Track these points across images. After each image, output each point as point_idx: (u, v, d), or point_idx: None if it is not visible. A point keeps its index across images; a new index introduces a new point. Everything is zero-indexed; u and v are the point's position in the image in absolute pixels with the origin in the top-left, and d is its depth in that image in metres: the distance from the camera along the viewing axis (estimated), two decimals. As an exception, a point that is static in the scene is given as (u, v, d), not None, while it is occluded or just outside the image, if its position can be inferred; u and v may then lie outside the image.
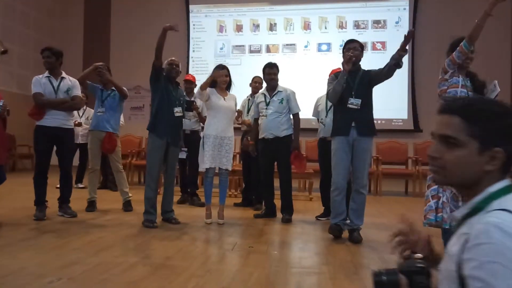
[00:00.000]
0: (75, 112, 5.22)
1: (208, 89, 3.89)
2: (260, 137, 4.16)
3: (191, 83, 5.13)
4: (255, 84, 4.87)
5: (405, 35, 3.10)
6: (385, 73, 3.22)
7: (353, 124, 3.24)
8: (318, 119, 4.38)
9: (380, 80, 3.31)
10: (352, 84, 3.31)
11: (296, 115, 4.14)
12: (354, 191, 3.32)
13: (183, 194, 5.14)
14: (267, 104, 4.10)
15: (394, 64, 3.12)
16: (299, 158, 4.17)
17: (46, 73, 3.86)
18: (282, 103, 4.06)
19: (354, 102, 3.25)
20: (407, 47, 3.19)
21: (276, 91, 4.11)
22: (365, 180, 3.33)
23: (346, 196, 3.39)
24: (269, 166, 4.17)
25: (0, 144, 3.55)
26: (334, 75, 3.49)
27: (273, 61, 4.25)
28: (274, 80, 4.13)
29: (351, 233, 3.29)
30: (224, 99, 3.89)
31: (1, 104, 3.51)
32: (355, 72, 3.34)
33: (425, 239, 1.09)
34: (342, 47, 3.54)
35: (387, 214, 4.65)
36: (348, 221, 3.35)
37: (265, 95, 4.17)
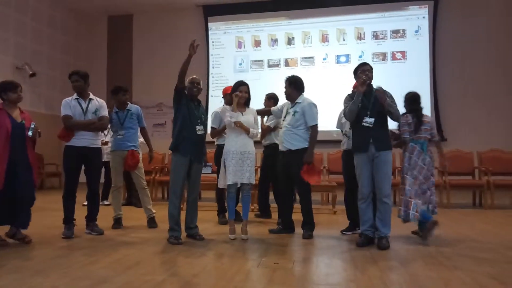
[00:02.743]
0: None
1: (228, 107, 3.95)
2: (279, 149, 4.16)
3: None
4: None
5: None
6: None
7: (370, 141, 3.52)
8: (342, 131, 4.33)
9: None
10: (367, 103, 3.57)
11: (312, 127, 3.97)
12: (378, 201, 3.55)
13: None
14: (285, 116, 4.11)
15: (386, 112, 3.54)
16: (309, 172, 3.92)
17: (75, 95, 3.99)
18: (295, 116, 3.98)
19: (368, 121, 3.54)
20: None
21: (294, 103, 4.08)
22: (388, 190, 3.56)
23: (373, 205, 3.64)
24: (285, 180, 4.10)
25: (33, 167, 3.64)
26: (349, 96, 3.76)
27: (292, 74, 4.21)
28: (286, 94, 4.12)
29: (380, 240, 3.49)
30: (242, 114, 3.92)
31: (33, 126, 3.60)
32: (369, 93, 3.58)
33: None
34: (354, 70, 3.79)
35: (414, 226, 4.52)
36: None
37: (287, 107, 4.15)
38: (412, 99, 4.01)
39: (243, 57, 10.07)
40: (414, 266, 2.93)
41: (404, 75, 8.96)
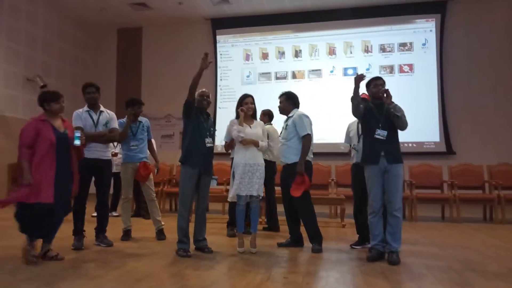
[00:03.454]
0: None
1: (236, 120, 3.97)
2: None
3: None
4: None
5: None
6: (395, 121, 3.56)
7: (382, 153, 3.50)
8: (350, 145, 4.34)
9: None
10: (379, 116, 3.56)
11: (303, 137, 3.91)
12: (388, 214, 3.50)
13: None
14: (281, 131, 4.18)
15: (393, 116, 3.50)
16: (298, 183, 3.84)
17: (86, 107, 4.04)
18: (286, 129, 4.05)
19: (381, 134, 3.53)
20: (388, 99, 3.53)
21: (288, 118, 4.14)
22: (398, 203, 3.52)
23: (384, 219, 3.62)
24: (286, 194, 4.09)
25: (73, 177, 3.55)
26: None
27: (287, 90, 4.28)
28: (281, 108, 4.19)
29: (390, 255, 3.44)
30: (250, 126, 3.94)
31: (79, 134, 3.49)
32: (381, 105, 3.57)
33: None
34: (366, 84, 3.79)
35: (424, 241, 4.49)
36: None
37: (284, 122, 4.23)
38: None
39: (250, 69, 10.16)
40: (424, 281, 2.90)
41: (412, 88, 8.97)
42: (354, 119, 4.31)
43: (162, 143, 10.11)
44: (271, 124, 5.29)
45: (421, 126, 8.69)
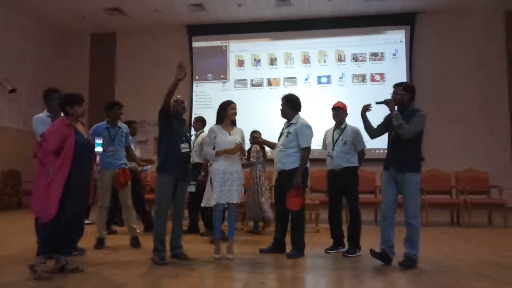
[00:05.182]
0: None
1: (215, 127, 3.98)
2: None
3: None
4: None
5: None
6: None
7: (392, 161, 3.58)
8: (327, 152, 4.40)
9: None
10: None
11: (302, 150, 3.97)
12: (405, 221, 3.56)
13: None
14: (280, 136, 4.17)
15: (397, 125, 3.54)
16: (293, 195, 3.86)
17: (46, 113, 3.87)
18: (288, 137, 4.03)
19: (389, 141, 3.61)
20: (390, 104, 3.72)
21: (289, 124, 4.13)
22: (412, 211, 3.52)
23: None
24: (280, 199, 4.12)
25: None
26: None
27: (289, 93, 4.26)
28: (282, 112, 4.17)
29: (404, 260, 3.48)
30: (230, 134, 3.96)
31: (101, 141, 3.41)
32: (401, 113, 3.62)
33: None
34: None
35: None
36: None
37: (283, 127, 4.20)
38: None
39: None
40: (399, 285, 2.99)
41: (383, 96, 9.09)
42: (330, 126, 4.42)
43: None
44: (203, 131, 5.54)
45: (392, 134, 8.93)
